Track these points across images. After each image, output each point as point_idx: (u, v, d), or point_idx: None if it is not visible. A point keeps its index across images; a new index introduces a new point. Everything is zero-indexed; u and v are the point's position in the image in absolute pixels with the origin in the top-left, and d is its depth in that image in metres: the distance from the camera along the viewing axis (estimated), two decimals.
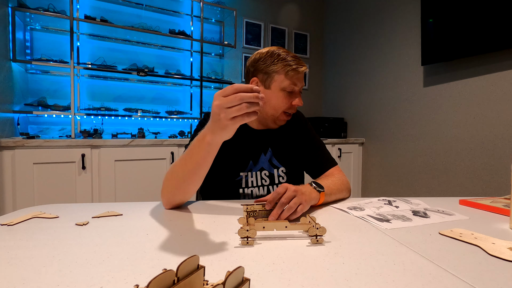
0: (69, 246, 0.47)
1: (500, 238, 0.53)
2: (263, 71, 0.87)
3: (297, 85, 0.87)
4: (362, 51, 2.80)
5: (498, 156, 1.75)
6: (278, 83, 0.86)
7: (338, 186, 0.83)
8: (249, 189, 0.91)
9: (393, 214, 0.69)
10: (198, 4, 2.53)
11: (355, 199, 0.85)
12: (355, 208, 0.73)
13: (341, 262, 0.43)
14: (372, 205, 0.77)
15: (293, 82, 0.86)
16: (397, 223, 0.62)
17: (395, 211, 0.72)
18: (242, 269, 0.30)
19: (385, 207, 0.75)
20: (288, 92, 0.87)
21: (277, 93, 0.87)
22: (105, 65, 2.23)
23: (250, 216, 0.61)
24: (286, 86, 0.86)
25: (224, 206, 0.75)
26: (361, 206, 0.76)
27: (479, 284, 0.37)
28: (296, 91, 0.88)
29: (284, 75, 0.85)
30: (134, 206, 0.73)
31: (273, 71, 0.86)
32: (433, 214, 0.69)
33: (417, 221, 0.64)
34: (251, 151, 0.92)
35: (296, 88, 0.87)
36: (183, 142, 2.10)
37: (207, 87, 2.72)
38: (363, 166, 2.81)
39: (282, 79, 0.86)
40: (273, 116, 0.90)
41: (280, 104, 0.87)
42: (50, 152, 1.72)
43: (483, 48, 1.73)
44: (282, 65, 0.85)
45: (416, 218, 0.66)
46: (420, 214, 0.69)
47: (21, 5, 1.91)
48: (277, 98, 0.87)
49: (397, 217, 0.66)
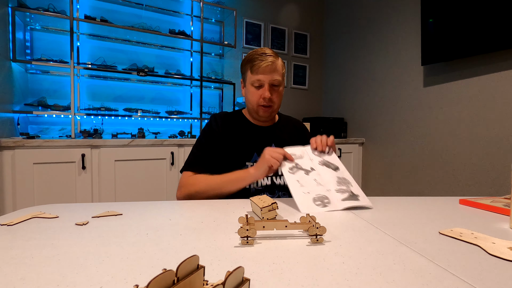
0: (69, 246, 0.47)
1: (500, 237, 0.53)
2: (242, 73, 1.04)
3: (261, 79, 0.96)
4: (362, 51, 2.80)
5: (498, 156, 1.75)
6: (248, 80, 0.99)
7: None
8: None
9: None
10: (198, 4, 2.53)
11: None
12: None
13: (341, 262, 0.43)
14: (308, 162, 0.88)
15: (257, 76, 0.96)
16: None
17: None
18: (242, 269, 0.30)
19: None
20: (256, 86, 0.97)
21: (249, 89, 1.00)
22: (105, 65, 2.23)
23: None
24: (253, 81, 0.97)
25: (224, 206, 0.75)
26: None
27: (479, 283, 0.37)
28: (263, 84, 0.97)
29: (250, 73, 0.97)
30: (134, 206, 0.73)
31: (245, 71, 1.01)
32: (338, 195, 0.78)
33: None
34: (256, 144, 1.01)
35: (263, 82, 0.96)
36: (183, 142, 2.10)
37: (207, 87, 2.72)
38: (363, 166, 2.81)
39: (250, 76, 0.98)
40: (253, 109, 1.01)
41: (252, 98, 0.99)
42: (50, 152, 1.72)
43: (483, 48, 1.73)
44: (248, 64, 0.97)
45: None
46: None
47: (21, 5, 1.91)
48: (249, 93, 1.00)
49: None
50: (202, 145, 1.00)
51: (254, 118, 1.06)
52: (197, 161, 0.97)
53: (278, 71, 0.97)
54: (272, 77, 0.96)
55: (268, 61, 0.94)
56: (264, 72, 0.95)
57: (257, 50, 0.98)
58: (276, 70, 0.96)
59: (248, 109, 1.06)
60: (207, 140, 1.00)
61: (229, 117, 1.06)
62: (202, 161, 0.96)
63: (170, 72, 2.47)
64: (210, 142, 1.00)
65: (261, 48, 0.98)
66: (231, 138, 1.00)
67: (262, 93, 0.96)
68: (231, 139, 1.00)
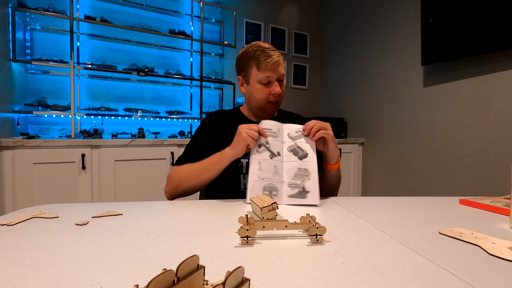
0: (69, 246, 0.47)
1: (500, 237, 0.53)
2: (242, 70, 1.00)
3: (270, 75, 0.94)
4: (362, 51, 2.80)
5: (498, 156, 1.75)
6: (254, 77, 0.96)
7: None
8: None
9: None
10: (198, 4, 2.53)
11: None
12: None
13: (341, 262, 0.43)
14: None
15: (265, 74, 0.94)
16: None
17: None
18: (242, 269, 0.30)
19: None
20: (264, 84, 0.95)
21: (255, 86, 0.96)
22: (105, 65, 2.23)
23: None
24: (261, 79, 0.94)
25: (224, 206, 0.75)
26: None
27: (479, 284, 0.37)
28: (272, 81, 0.95)
29: (256, 70, 0.94)
30: (134, 206, 0.73)
31: (248, 68, 0.97)
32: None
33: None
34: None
35: (271, 78, 0.95)
36: (183, 142, 2.10)
37: (207, 87, 2.72)
38: (363, 166, 2.81)
39: (256, 74, 0.95)
40: (259, 107, 0.99)
41: (260, 95, 0.96)
42: (50, 152, 1.72)
43: (483, 48, 1.73)
44: (253, 60, 0.94)
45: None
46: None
47: (21, 5, 1.91)
48: (257, 91, 0.96)
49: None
50: (193, 142, 1.00)
51: (256, 115, 1.03)
52: (186, 156, 0.96)
53: (282, 65, 0.97)
54: (280, 72, 0.95)
55: (275, 58, 0.93)
56: (272, 69, 0.94)
57: (256, 45, 0.96)
58: (281, 64, 0.96)
59: (251, 107, 1.02)
60: (198, 137, 1.00)
61: (224, 114, 1.06)
62: (191, 157, 0.94)
63: (170, 72, 2.47)
64: (201, 139, 0.99)
65: (259, 43, 0.96)
66: (225, 134, 0.97)
67: (272, 89, 0.95)
68: (224, 135, 0.97)
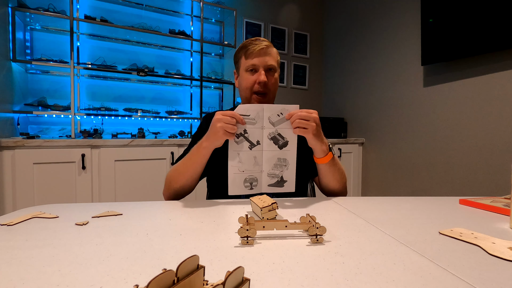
0: (69, 246, 0.47)
1: (500, 237, 0.53)
2: (236, 63, 1.02)
3: (255, 63, 0.93)
4: (362, 51, 2.80)
5: (498, 156, 1.75)
6: (242, 66, 0.97)
7: (341, 166, 0.94)
8: None
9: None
10: (198, 4, 2.53)
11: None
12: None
13: (341, 262, 0.43)
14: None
15: (252, 61, 0.93)
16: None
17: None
18: (242, 269, 0.30)
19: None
20: (250, 71, 0.94)
21: (243, 75, 0.97)
22: (105, 65, 2.23)
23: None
24: (247, 66, 0.94)
25: (224, 206, 0.75)
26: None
27: (479, 284, 0.37)
28: (258, 69, 0.94)
29: (244, 58, 0.95)
30: (134, 206, 0.73)
31: (238, 59, 0.99)
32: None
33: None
34: None
35: (257, 66, 0.93)
36: (183, 142, 2.10)
37: (207, 87, 2.72)
38: (363, 166, 2.81)
39: (244, 62, 0.96)
40: (246, 98, 0.98)
41: (246, 84, 0.95)
42: (50, 152, 1.72)
43: (483, 48, 1.73)
44: (242, 50, 0.96)
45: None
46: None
47: (21, 5, 1.91)
48: (243, 80, 0.96)
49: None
50: (189, 145, 0.99)
51: None
52: (180, 159, 0.95)
53: (272, 56, 0.95)
54: (267, 61, 0.93)
55: (262, 45, 0.92)
56: (258, 56, 0.92)
57: (248, 39, 0.97)
58: (270, 54, 0.94)
59: (242, 100, 1.02)
60: (194, 140, 0.98)
61: None
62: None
63: (170, 72, 2.47)
64: (197, 141, 0.96)
65: (251, 38, 0.97)
66: None
67: (256, 77, 0.93)
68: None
